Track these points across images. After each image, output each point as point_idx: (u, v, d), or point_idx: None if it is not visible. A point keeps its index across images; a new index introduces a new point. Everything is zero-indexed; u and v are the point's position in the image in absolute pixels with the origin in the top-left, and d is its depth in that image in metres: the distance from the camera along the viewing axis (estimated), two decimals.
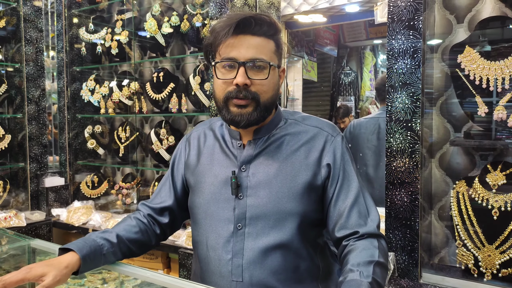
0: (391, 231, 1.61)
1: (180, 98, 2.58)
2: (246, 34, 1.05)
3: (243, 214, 1.10)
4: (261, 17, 1.06)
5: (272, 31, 1.08)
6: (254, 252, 1.08)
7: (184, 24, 2.55)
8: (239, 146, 1.16)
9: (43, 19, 2.92)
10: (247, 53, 1.04)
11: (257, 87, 1.06)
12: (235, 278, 1.08)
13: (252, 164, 1.13)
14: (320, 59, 4.31)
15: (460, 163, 1.72)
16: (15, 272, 1.00)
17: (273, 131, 1.16)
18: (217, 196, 1.14)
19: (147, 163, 2.97)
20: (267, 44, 1.08)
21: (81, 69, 3.12)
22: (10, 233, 1.65)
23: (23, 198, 2.88)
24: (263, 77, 1.06)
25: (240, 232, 1.10)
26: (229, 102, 1.08)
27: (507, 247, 1.48)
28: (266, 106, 1.09)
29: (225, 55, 1.06)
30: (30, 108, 2.81)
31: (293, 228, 1.08)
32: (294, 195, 1.09)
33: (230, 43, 1.05)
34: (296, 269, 1.10)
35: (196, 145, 1.25)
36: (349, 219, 1.07)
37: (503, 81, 1.48)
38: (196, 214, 1.19)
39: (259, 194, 1.10)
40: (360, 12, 2.49)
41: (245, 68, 1.04)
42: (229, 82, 1.06)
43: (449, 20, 1.72)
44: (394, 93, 1.59)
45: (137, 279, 1.28)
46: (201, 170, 1.20)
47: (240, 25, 1.04)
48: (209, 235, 1.14)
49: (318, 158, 1.12)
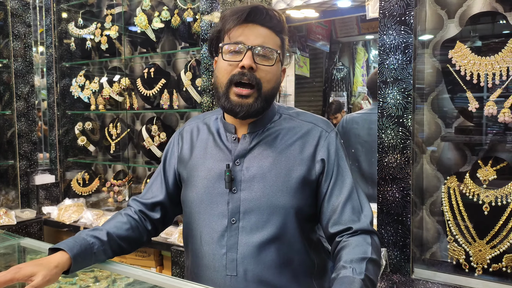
0: (383, 227, 1.61)
1: (171, 94, 2.56)
2: (256, 24, 1.08)
3: (237, 208, 1.10)
4: (272, 11, 1.10)
5: (280, 28, 1.11)
6: (248, 246, 1.08)
7: (175, 19, 2.53)
8: (234, 139, 1.15)
9: (31, 14, 2.87)
10: (255, 40, 1.07)
11: (262, 74, 1.07)
12: (229, 273, 1.09)
13: (246, 158, 1.13)
14: (313, 55, 4.29)
15: (451, 159, 1.73)
16: (3, 272, 0.98)
17: (268, 125, 1.16)
18: (211, 190, 1.13)
19: (138, 160, 2.95)
20: (274, 37, 1.11)
21: (71, 65, 3.08)
22: (0, 232, 1.63)
23: (13, 196, 2.84)
24: (269, 63, 1.08)
25: (234, 227, 1.09)
26: (230, 90, 1.08)
27: (498, 242, 1.49)
28: (267, 97, 1.10)
29: (233, 39, 1.08)
30: (19, 104, 2.77)
31: (287, 222, 1.09)
32: (288, 189, 1.09)
33: (239, 29, 1.08)
34: (290, 263, 1.10)
35: (189, 138, 1.24)
36: (342, 215, 1.08)
37: (493, 76, 1.49)
38: (189, 208, 1.18)
39: (253, 188, 1.10)
40: (352, 7, 2.49)
41: (252, 53, 1.06)
42: (234, 65, 1.07)
43: (440, 15, 1.72)
44: (386, 88, 1.59)
45: (129, 277, 1.27)
46: (194, 164, 1.19)
47: (252, 13, 1.07)
48: (203, 229, 1.13)
49: (313, 153, 1.12)
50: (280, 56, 1.11)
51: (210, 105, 2.16)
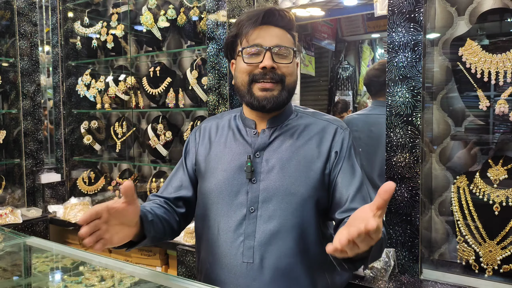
0: (391, 227, 1.59)
1: (177, 92, 2.55)
2: (270, 25, 1.15)
3: (256, 197, 1.13)
4: (284, 11, 1.16)
5: (291, 26, 1.18)
6: (265, 234, 1.11)
7: (181, 17, 2.52)
8: (254, 134, 1.20)
9: (38, 13, 2.87)
10: (272, 41, 1.13)
11: (283, 70, 1.14)
12: (246, 260, 1.11)
13: (266, 151, 1.17)
14: (318, 53, 4.27)
15: (460, 158, 1.70)
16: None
17: (286, 121, 1.21)
18: (231, 181, 1.17)
19: (144, 159, 2.95)
20: (287, 36, 1.17)
21: (77, 64, 3.08)
22: (6, 230, 1.63)
23: (19, 195, 2.85)
24: (288, 61, 1.15)
25: (252, 215, 1.12)
26: (253, 86, 1.14)
27: (508, 242, 1.47)
28: (290, 89, 1.16)
29: (251, 42, 1.14)
30: (25, 103, 2.77)
31: (304, 212, 1.12)
32: (307, 180, 1.13)
33: (255, 32, 1.14)
34: (305, 253, 1.12)
35: (208, 135, 1.29)
36: (352, 203, 1.11)
37: (505, 74, 1.46)
38: (207, 199, 1.20)
39: (272, 178, 1.14)
40: (358, 6, 2.47)
41: (271, 53, 1.12)
42: (254, 66, 1.13)
43: (450, 12, 1.69)
44: (394, 87, 1.57)
45: (135, 276, 1.26)
46: (213, 158, 1.23)
47: (266, 16, 1.13)
48: (221, 219, 1.16)
49: (329, 148, 1.17)
50: (295, 53, 1.17)
51: (216, 104, 2.15)
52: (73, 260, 1.50)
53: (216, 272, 1.15)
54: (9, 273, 1.45)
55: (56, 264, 1.54)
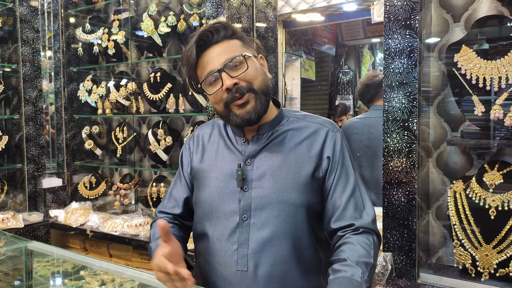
0: (388, 231, 1.61)
1: (177, 98, 2.58)
2: (210, 47, 1.12)
3: (248, 205, 1.13)
4: (215, 26, 1.13)
5: (230, 33, 1.14)
6: (259, 242, 1.11)
7: (181, 24, 2.55)
8: (244, 142, 1.20)
9: (40, 19, 2.90)
10: (220, 60, 1.10)
11: (246, 78, 1.11)
12: (240, 268, 1.11)
13: (256, 158, 1.17)
14: (318, 58, 4.29)
15: (457, 163, 1.72)
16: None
17: (277, 127, 1.20)
18: (223, 190, 1.17)
19: (144, 164, 2.97)
20: (231, 44, 1.14)
21: (78, 70, 3.11)
22: (8, 235, 1.64)
23: (20, 199, 2.87)
24: (244, 69, 1.11)
25: (245, 223, 1.12)
26: (231, 108, 1.12)
27: (505, 246, 1.48)
28: (263, 90, 1.14)
29: (205, 73, 1.12)
30: (27, 108, 2.80)
31: (297, 218, 1.12)
32: (298, 186, 1.12)
33: (202, 62, 1.13)
34: (299, 259, 1.12)
35: (201, 142, 1.29)
36: (345, 211, 1.11)
37: (499, 80, 1.48)
38: (201, 208, 1.21)
39: (264, 185, 1.13)
40: (358, 11, 2.48)
41: (226, 71, 1.09)
42: (220, 92, 1.11)
43: (446, 19, 1.71)
44: (391, 92, 1.59)
45: (135, 280, 1.28)
46: (206, 166, 1.23)
47: (201, 42, 1.12)
48: (215, 227, 1.16)
49: (320, 151, 1.16)
50: (247, 55, 1.12)
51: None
52: (74, 264, 1.52)
53: (212, 281, 1.16)
54: (11, 277, 1.46)
55: (57, 268, 1.55)
